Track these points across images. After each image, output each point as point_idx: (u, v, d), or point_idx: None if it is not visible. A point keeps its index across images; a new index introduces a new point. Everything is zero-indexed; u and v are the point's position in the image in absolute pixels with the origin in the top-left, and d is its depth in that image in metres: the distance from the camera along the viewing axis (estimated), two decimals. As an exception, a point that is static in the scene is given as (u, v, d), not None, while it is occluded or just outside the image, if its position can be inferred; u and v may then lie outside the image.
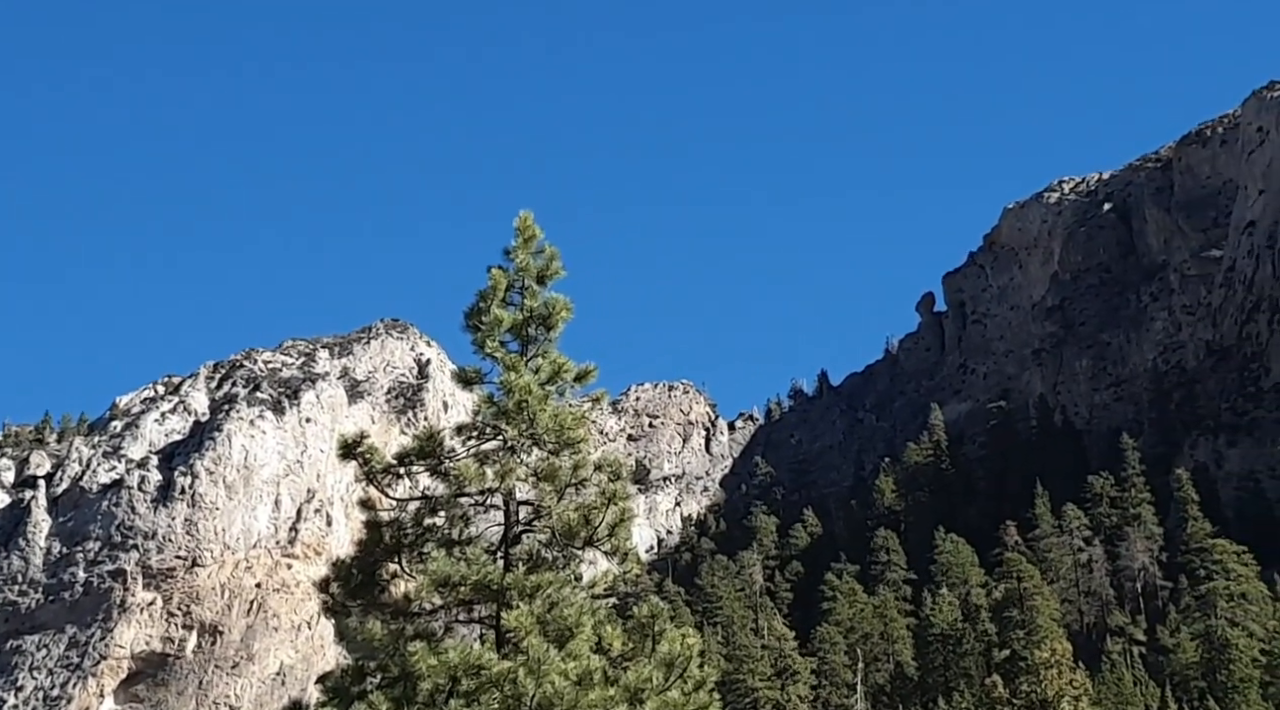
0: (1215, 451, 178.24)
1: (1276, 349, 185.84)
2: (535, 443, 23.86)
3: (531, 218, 24.75)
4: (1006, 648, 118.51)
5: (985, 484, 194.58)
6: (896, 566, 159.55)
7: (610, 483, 23.77)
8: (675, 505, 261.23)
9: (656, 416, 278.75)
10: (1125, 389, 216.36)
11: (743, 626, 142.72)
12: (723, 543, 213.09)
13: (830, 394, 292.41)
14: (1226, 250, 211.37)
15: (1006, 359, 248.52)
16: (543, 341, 24.53)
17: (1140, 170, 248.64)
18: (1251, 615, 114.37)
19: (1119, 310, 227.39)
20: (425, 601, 22.81)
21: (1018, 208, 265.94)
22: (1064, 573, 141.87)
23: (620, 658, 22.60)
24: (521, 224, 24.70)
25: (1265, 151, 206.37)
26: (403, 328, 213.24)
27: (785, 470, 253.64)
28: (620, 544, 23.81)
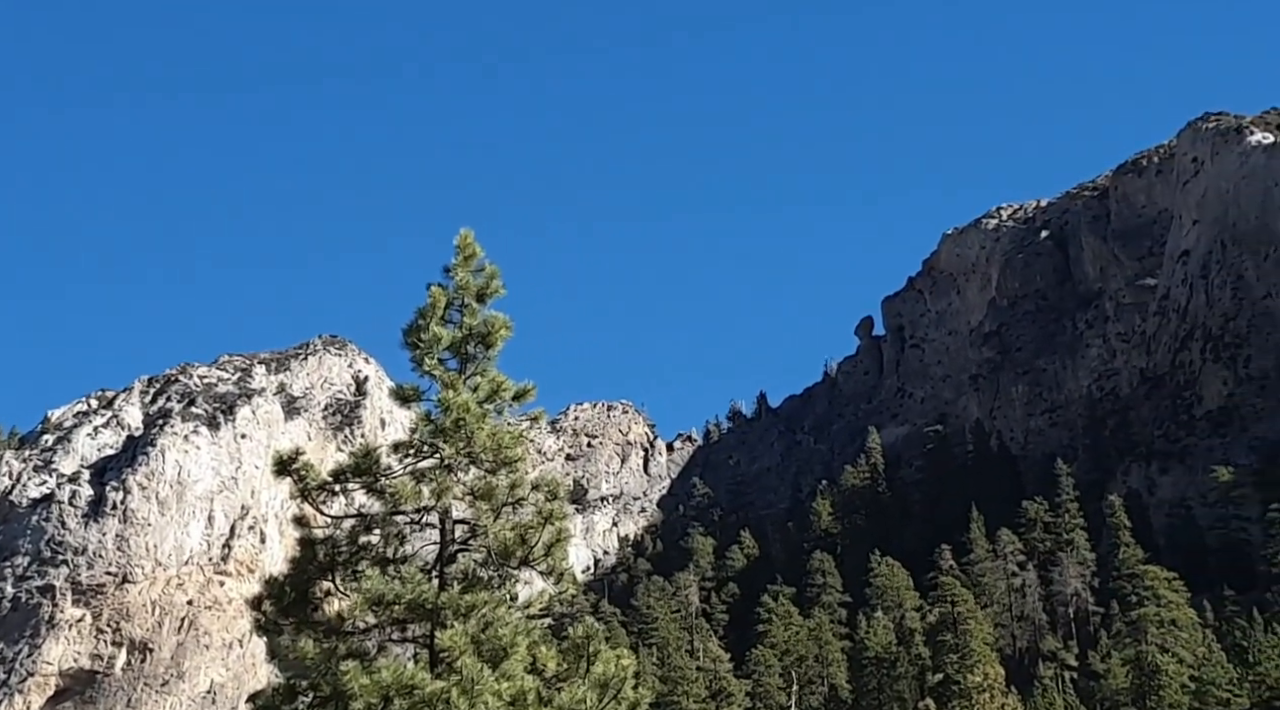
0: (1148, 478, 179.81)
1: (1209, 377, 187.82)
2: (472, 461, 23.75)
3: (472, 236, 24.69)
4: (940, 671, 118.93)
5: (921, 508, 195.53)
6: (832, 589, 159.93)
7: (547, 502, 23.69)
8: (612, 525, 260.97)
9: (595, 436, 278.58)
10: (1060, 415, 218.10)
11: (678, 648, 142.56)
12: (659, 563, 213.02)
13: (769, 416, 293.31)
14: (1161, 279, 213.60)
15: (944, 384, 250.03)
16: (482, 360, 24.44)
17: (1077, 198, 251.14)
18: (1181, 641, 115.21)
19: (1055, 337, 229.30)
20: (359, 620, 22.64)
21: (956, 234, 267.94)
22: (998, 597, 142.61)
23: (555, 678, 22.50)
24: (462, 242, 24.63)
25: (1200, 182, 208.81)
26: (341, 344, 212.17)
27: (723, 491, 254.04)
28: (556, 564, 23.72)
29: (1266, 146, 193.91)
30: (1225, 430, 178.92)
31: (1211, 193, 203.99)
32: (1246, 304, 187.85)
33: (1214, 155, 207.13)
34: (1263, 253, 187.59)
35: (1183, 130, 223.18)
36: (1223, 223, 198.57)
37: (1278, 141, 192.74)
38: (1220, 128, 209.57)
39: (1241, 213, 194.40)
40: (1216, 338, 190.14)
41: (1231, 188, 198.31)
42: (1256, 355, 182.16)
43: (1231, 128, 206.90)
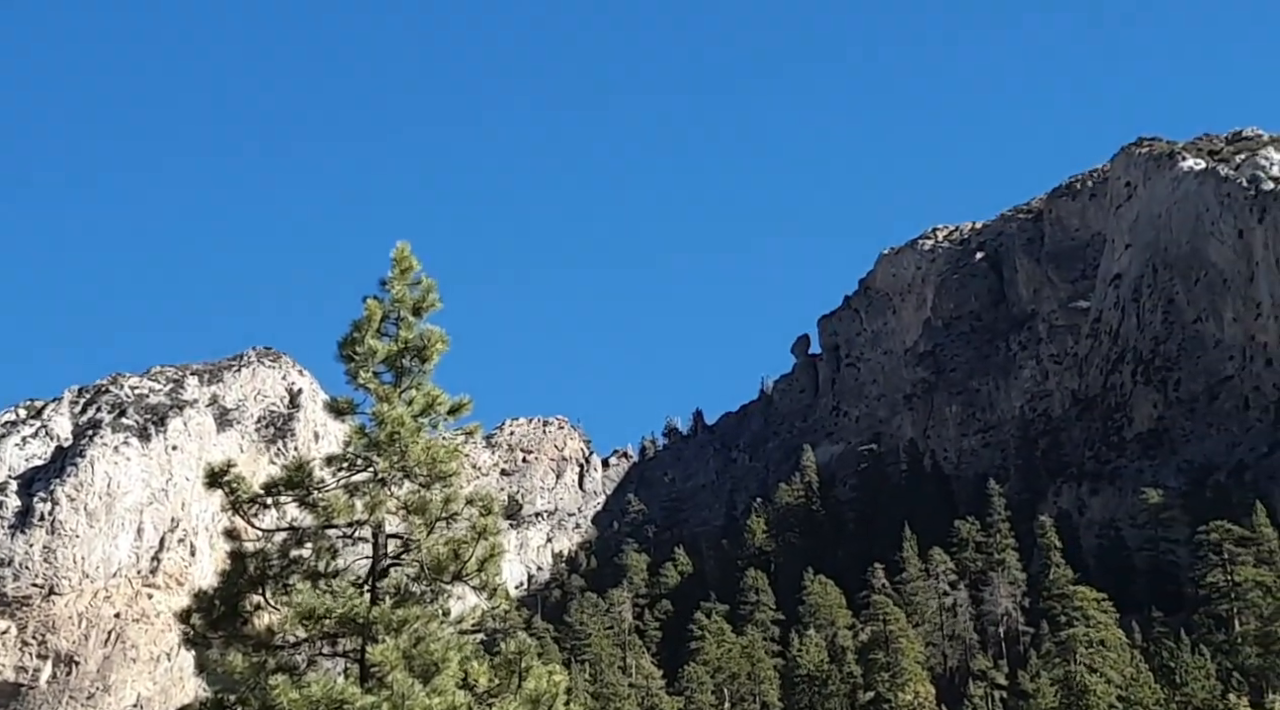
0: (1078, 499, 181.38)
1: (1139, 400, 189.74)
2: (406, 475, 23.62)
3: (409, 249, 24.59)
4: (871, 690, 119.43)
5: (855, 526, 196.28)
6: (765, 607, 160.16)
7: (481, 517, 23.59)
8: (547, 541, 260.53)
9: (530, 452, 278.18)
10: (993, 435, 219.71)
11: (611, 664, 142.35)
12: (593, 580, 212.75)
13: (704, 433, 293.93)
14: (1094, 302, 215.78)
15: (879, 403, 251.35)
16: (417, 373, 24.32)
17: (1012, 220, 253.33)
18: (1109, 662, 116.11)
19: (989, 358, 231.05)
20: (289, 634, 22.45)
21: (893, 254, 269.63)
22: (929, 616, 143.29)
23: (486, 694, 22.39)
24: (399, 255, 24.52)
25: (1133, 206, 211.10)
26: (275, 356, 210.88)
27: (658, 508, 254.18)
28: (490, 579, 23.61)
29: (1198, 172, 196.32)
30: (1155, 453, 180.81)
31: (1144, 217, 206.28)
32: (1177, 328, 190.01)
33: (1146, 180, 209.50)
34: (1193, 277, 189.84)
35: (1116, 155, 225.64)
36: (1154, 247, 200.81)
37: (1209, 167, 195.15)
38: (1153, 153, 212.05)
39: (1173, 237, 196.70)
40: (1147, 361, 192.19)
41: (1163, 212, 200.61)
42: (1186, 379, 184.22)
43: (1164, 153, 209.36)
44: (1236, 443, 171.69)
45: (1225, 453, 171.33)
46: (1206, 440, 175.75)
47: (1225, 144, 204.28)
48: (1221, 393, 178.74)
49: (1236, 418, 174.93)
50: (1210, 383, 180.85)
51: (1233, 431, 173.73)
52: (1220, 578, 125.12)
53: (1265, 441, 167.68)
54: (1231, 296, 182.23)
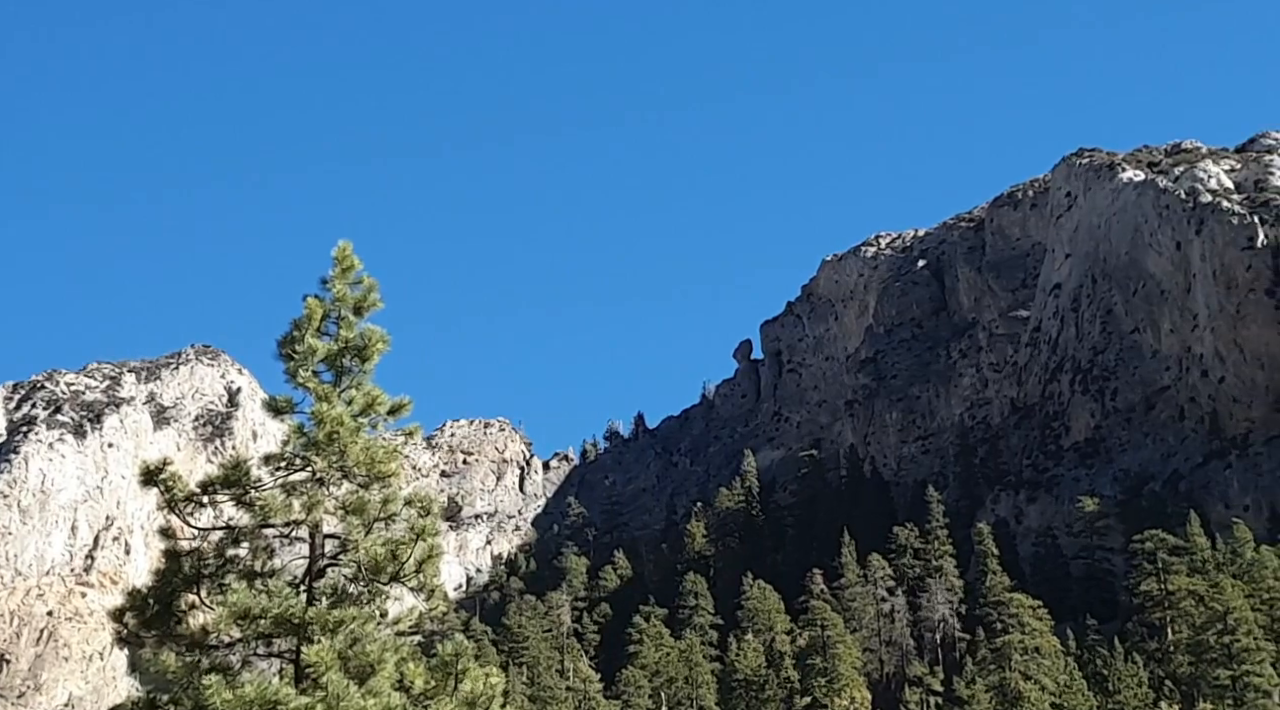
0: (1016, 507, 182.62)
1: (1077, 409, 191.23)
2: (345, 475, 23.48)
3: (350, 248, 24.45)
4: (808, 695, 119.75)
5: (794, 531, 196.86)
6: (704, 611, 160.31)
7: (420, 518, 23.47)
8: (486, 543, 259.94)
9: (471, 453, 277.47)
10: (933, 442, 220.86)
11: (548, 667, 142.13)
12: (532, 582, 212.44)
13: (646, 437, 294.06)
14: (1033, 311, 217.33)
15: (820, 408, 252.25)
16: (357, 373, 24.18)
17: (954, 229, 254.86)
18: (1044, 669, 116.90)
19: (929, 365, 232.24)
20: (224, 634, 22.27)
21: (835, 260, 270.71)
22: (867, 622, 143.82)
23: (422, 695, 22.29)
24: (340, 254, 24.38)
25: (1073, 216, 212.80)
26: (214, 354, 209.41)
27: (598, 511, 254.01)
28: (428, 581, 23.51)
29: (1137, 183, 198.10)
30: (1092, 461, 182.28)
31: (1084, 227, 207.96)
32: (1115, 338, 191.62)
33: (1087, 190, 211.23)
34: (1131, 288, 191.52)
35: (1057, 165, 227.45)
36: (1094, 257, 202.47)
37: (1148, 179, 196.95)
38: (1093, 163, 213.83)
39: (1112, 248, 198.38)
40: (1085, 370, 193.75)
41: (1103, 223, 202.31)
42: (1123, 388, 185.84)
43: (1104, 164, 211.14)
44: (1172, 453, 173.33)
45: (1160, 462, 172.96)
46: (1142, 450, 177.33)
47: (1164, 156, 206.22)
48: (1158, 403, 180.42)
49: (1172, 428, 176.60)
50: (1147, 393, 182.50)
51: (1168, 441, 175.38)
52: (1154, 586, 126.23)
53: (1200, 452, 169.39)
54: (1169, 307, 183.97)
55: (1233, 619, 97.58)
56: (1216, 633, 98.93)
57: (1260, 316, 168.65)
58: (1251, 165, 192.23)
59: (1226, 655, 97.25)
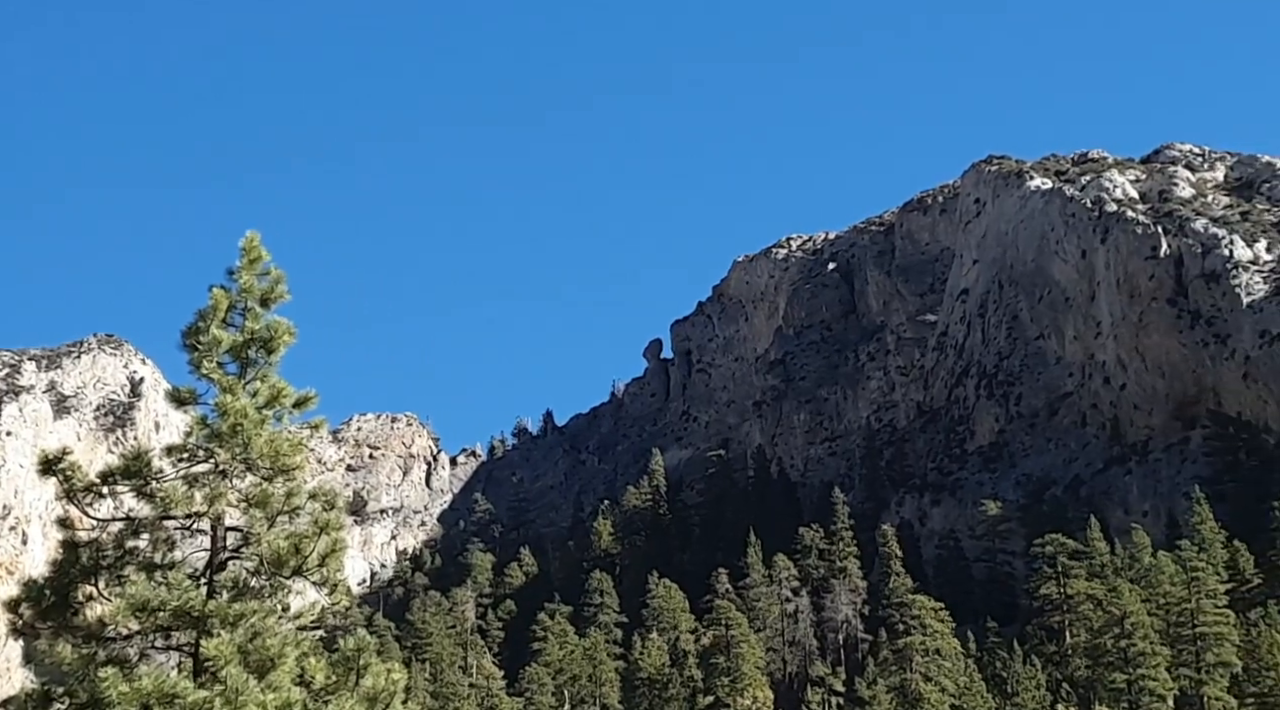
0: (920, 509, 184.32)
1: (982, 413, 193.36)
2: (249, 468, 23.26)
3: (258, 239, 24.21)
4: (711, 694, 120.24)
5: (701, 531, 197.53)
6: (609, 609, 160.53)
7: (324, 512, 23.30)
8: (391, 538, 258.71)
9: (377, 448, 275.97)
10: (839, 444, 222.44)
11: (451, 664, 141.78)
12: (437, 579, 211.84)
13: (554, 434, 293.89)
14: (941, 315, 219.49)
15: (728, 409, 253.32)
16: (263, 365, 23.95)
17: (864, 232, 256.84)
18: (944, 670, 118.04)
19: (838, 367, 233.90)
20: (121, 626, 21.99)
21: (747, 261, 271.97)
22: (771, 622, 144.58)
23: (323, 690, 22.13)
24: (247, 245, 24.13)
25: (981, 222, 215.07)
26: (117, 343, 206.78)
27: (505, 508, 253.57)
28: (331, 575, 23.34)
29: (1045, 191, 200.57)
30: (995, 465, 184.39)
31: (991, 234, 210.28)
32: (1020, 344, 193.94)
33: (995, 197, 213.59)
34: (1037, 295, 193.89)
35: (967, 171, 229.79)
36: (1001, 263, 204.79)
37: (1055, 187, 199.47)
38: (1002, 171, 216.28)
39: (1019, 255, 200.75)
40: (990, 375, 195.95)
41: (1010, 230, 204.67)
42: (1027, 394, 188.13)
43: (1013, 172, 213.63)
44: (1073, 458, 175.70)
45: (1062, 467, 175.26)
46: (1045, 455, 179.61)
47: (1072, 165, 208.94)
48: (1061, 409, 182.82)
49: (1074, 433, 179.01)
50: (1050, 398, 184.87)
51: (1070, 447, 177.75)
52: (1053, 590, 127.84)
53: (1101, 457, 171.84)
54: (1073, 315, 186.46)
55: (1129, 623, 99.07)
56: (1114, 637, 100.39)
57: (1162, 325, 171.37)
58: (1156, 176, 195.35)
59: (1123, 659, 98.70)
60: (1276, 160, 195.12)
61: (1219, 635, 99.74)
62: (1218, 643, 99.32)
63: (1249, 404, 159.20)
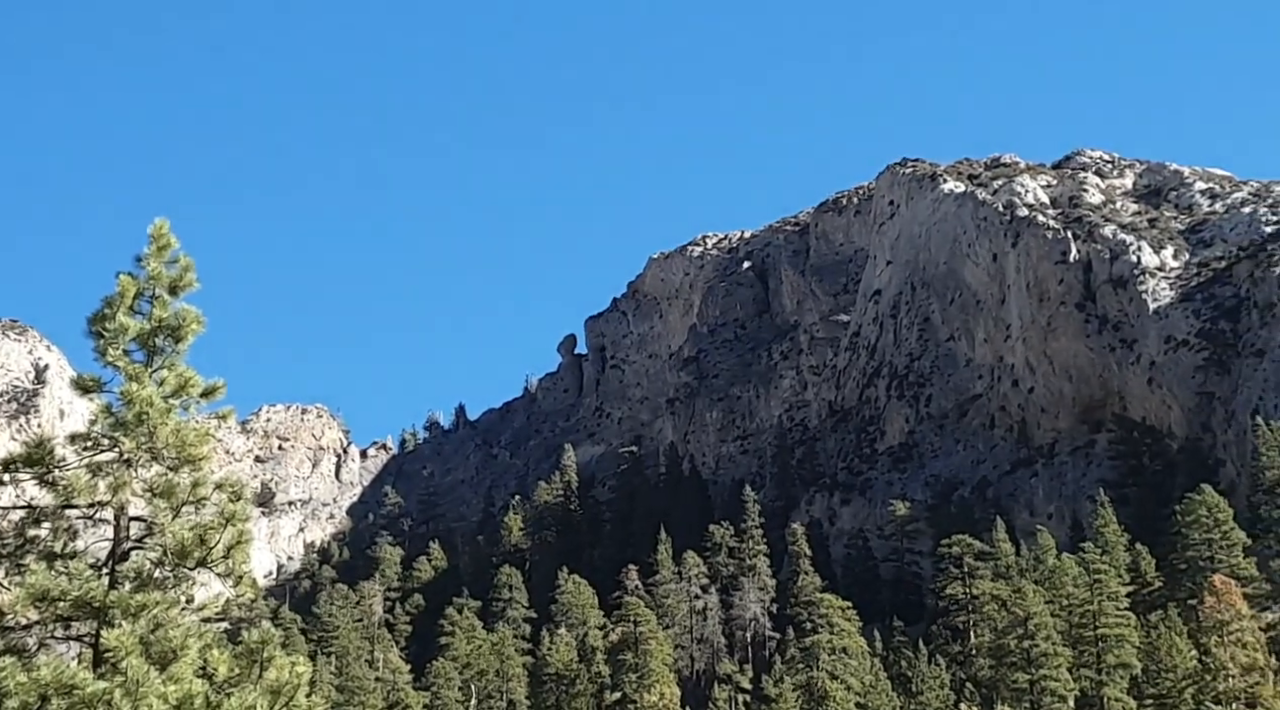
0: (829, 508, 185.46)
1: (892, 414, 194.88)
2: (154, 457, 23.01)
3: (167, 226, 23.95)
4: (618, 690, 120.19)
5: (612, 527, 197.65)
6: (518, 604, 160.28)
7: (230, 503, 23.10)
8: (299, 531, 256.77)
9: (287, 439, 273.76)
10: (751, 443, 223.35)
11: (358, 657, 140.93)
12: (345, 572, 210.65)
13: (466, 428, 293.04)
14: (854, 316, 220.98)
15: (641, 405, 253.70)
16: (170, 353, 23.69)
17: (780, 232, 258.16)
18: (851, 669, 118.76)
19: (751, 366, 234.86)
20: (20, 615, 21.70)
21: (663, 258, 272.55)
22: (679, 619, 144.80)
23: (225, 683, 21.93)
24: (156, 232, 23.86)
25: (895, 224, 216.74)
26: (21, 329, 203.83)
27: (415, 502, 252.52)
28: (236, 567, 23.14)
29: (957, 195, 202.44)
30: (905, 466, 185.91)
31: (905, 236, 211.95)
32: (931, 345, 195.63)
33: (909, 200, 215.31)
34: (948, 297, 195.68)
35: (881, 173, 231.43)
36: (914, 266, 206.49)
37: (968, 191, 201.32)
38: (916, 174, 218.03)
39: (931, 257, 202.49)
40: (901, 376, 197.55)
41: (923, 233, 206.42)
42: (937, 395, 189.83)
43: (926, 174, 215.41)
44: (981, 459, 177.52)
45: (970, 469, 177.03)
46: (953, 456, 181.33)
47: (984, 169, 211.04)
48: (970, 410, 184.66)
49: (983, 435, 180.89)
50: (960, 400, 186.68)
51: (978, 448, 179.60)
52: (959, 590, 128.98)
53: (1008, 459, 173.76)
54: (984, 317, 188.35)
55: (1033, 624, 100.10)
56: (1017, 637, 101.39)
57: (1070, 329, 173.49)
58: (1067, 181, 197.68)
59: (1025, 659, 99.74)
60: (1184, 169, 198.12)
61: (1120, 637, 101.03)
62: (1118, 644, 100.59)
63: (1153, 409, 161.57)
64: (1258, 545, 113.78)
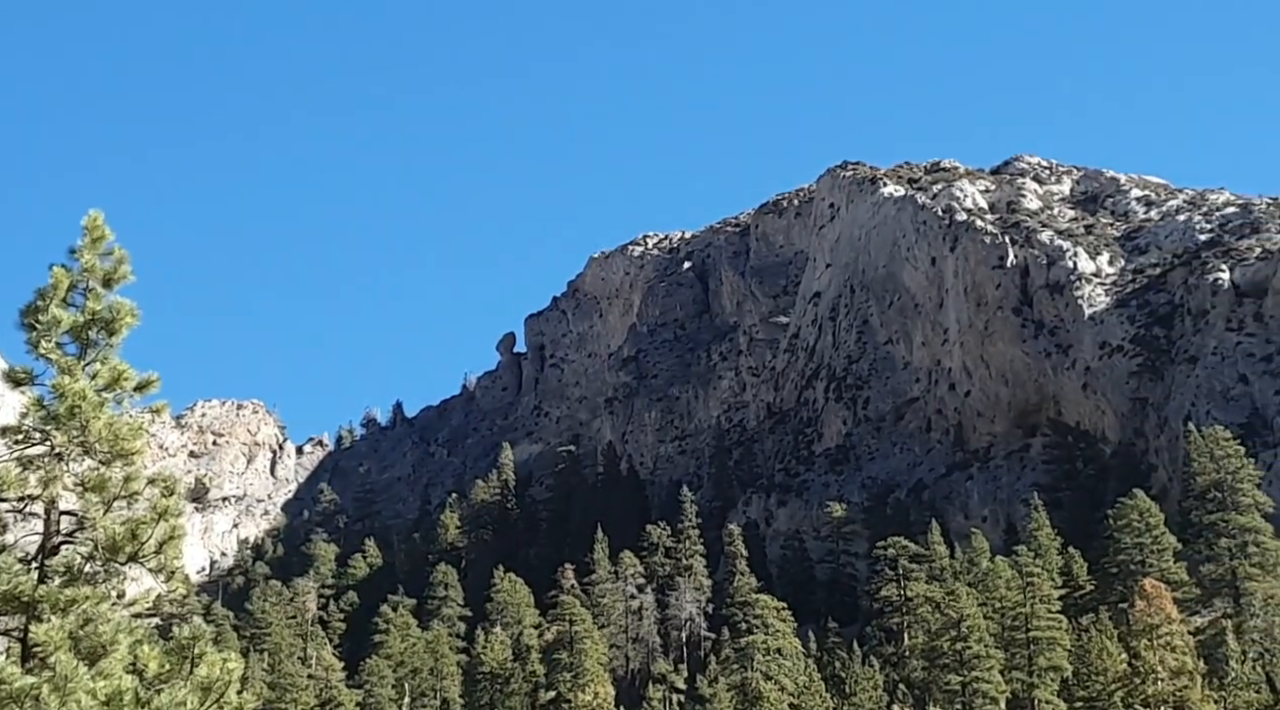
0: (766, 509, 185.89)
1: (830, 416, 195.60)
2: (86, 451, 22.81)
3: (102, 218, 23.74)
4: (553, 689, 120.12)
5: (548, 526, 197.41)
6: (453, 602, 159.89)
7: (163, 498, 22.93)
8: (233, 527, 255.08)
9: (222, 435, 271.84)
10: (689, 443, 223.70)
11: (291, 655, 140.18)
12: (279, 568, 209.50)
13: (404, 426, 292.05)
14: (793, 318, 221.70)
15: (580, 404, 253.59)
16: (103, 346, 23.49)
17: (720, 233, 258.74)
18: (785, 670, 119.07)
19: (690, 366, 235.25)
20: (-53, 610, 21.48)
21: (603, 257, 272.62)
22: (615, 618, 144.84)
23: (156, 679, 21.76)
24: (91, 224, 23.66)
25: (835, 227, 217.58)
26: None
27: (350, 499, 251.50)
28: (168, 562, 22.98)
29: (897, 198, 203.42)
30: (842, 468, 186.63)
31: (845, 239, 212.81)
32: (870, 348, 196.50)
33: (849, 202, 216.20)
34: (887, 300, 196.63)
35: (822, 176, 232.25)
36: (853, 268, 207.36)
37: (908, 195, 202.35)
38: (856, 177, 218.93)
39: (870, 260, 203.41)
40: (840, 378, 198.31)
41: (863, 235, 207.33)
42: (875, 398, 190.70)
43: (867, 178, 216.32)
44: (918, 462, 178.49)
45: (906, 471, 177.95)
46: (890, 459, 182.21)
47: (924, 173, 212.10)
48: (907, 413, 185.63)
49: (919, 438, 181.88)
50: (897, 403, 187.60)
51: (914, 451, 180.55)
52: (894, 592, 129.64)
53: (944, 462, 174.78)
54: (922, 321, 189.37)
55: (966, 626, 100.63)
56: (950, 639, 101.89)
57: (1007, 334, 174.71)
58: (1005, 187, 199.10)
59: (958, 661, 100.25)
60: (1121, 176, 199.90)
61: (1051, 640, 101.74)
62: (1050, 647, 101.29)
63: (1087, 414, 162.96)
64: (1188, 550, 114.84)
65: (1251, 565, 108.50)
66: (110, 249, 23.77)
